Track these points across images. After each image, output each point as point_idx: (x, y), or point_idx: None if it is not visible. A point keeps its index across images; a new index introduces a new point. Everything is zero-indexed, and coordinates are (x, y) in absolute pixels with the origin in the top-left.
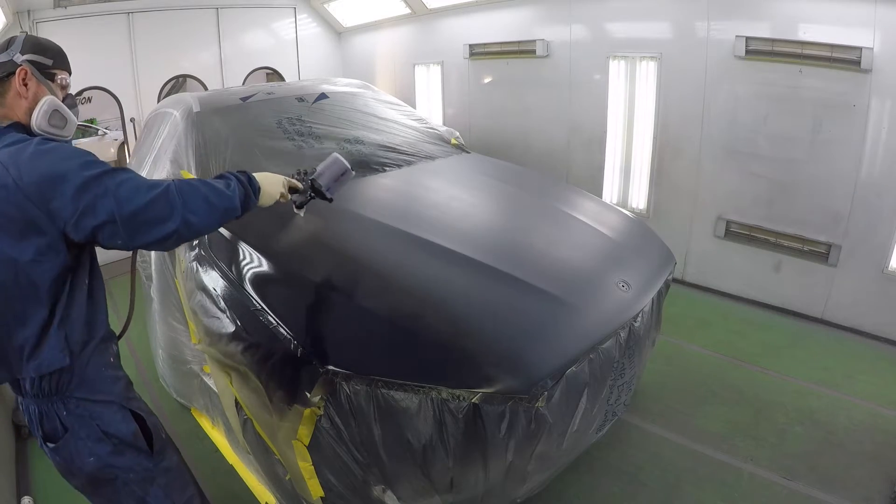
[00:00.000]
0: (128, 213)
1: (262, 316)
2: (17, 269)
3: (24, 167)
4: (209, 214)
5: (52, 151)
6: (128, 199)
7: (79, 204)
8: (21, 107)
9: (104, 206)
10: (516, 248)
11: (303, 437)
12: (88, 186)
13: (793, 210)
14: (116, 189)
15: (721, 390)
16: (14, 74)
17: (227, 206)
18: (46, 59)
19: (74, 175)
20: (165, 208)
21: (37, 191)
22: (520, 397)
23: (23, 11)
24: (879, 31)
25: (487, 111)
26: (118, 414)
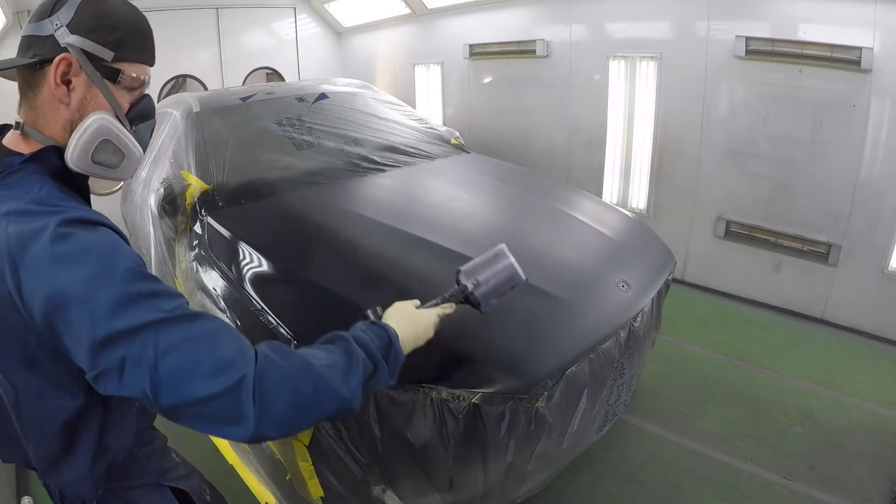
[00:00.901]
0: (167, 403)
1: (262, 316)
2: (20, 396)
3: (29, 275)
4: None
5: (76, 260)
6: (171, 382)
7: (97, 362)
8: (58, 117)
9: (133, 379)
10: (516, 248)
11: (303, 437)
12: (116, 342)
13: (793, 210)
14: (158, 360)
15: (721, 390)
16: (52, 63)
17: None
18: (106, 46)
19: (99, 317)
20: (230, 411)
21: (43, 319)
22: (520, 397)
23: (23, 11)
24: (879, 31)
25: (487, 111)
26: (155, 495)
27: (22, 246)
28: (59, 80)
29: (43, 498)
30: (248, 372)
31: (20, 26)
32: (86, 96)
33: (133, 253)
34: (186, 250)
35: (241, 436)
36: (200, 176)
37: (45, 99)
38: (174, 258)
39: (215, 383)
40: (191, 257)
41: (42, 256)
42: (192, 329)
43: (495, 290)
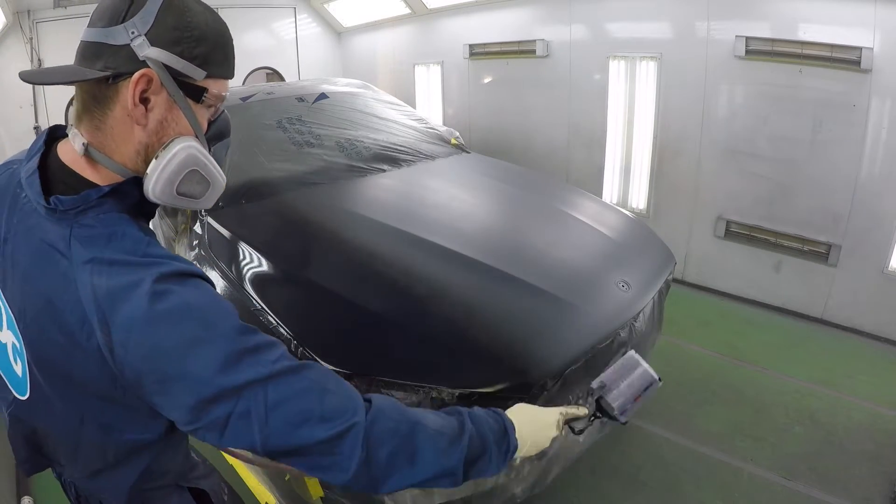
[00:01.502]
0: (275, 450)
1: (262, 316)
2: (82, 424)
3: (124, 336)
4: (398, 482)
5: (177, 318)
6: (282, 434)
7: (199, 417)
8: (132, 139)
9: (241, 434)
10: (516, 248)
11: None
12: (222, 399)
13: (793, 210)
14: (268, 414)
15: (721, 390)
16: (128, 78)
17: (437, 473)
18: (196, 62)
19: (204, 377)
20: (334, 456)
21: (137, 379)
22: (520, 397)
23: (23, 11)
24: (879, 31)
25: (487, 111)
26: (174, 496)
27: (113, 301)
28: (138, 99)
29: (43, 498)
30: (359, 420)
31: (20, 26)
32: (166, 117)
33: (229, 304)
34: (186, 250)
35: (337, 479)
36: None
37: (116, 118)
38: None
39: (326, 429)
40: (191, 257)
41: (138, 316)
42: (300, 381)
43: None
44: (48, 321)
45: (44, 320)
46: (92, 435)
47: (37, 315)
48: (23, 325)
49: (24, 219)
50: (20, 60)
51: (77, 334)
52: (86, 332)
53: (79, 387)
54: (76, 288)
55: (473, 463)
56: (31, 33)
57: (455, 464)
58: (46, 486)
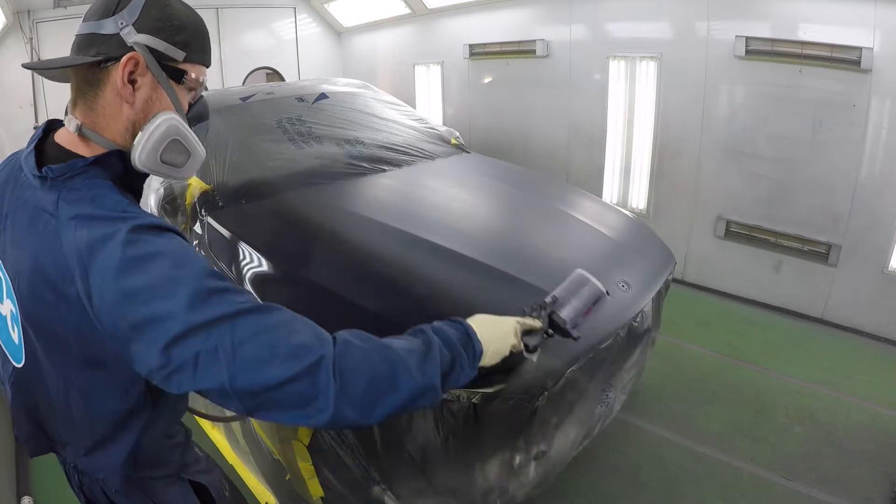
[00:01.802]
0: (245, 390)
1: None
2: (70, 391)
3: (100, 282)
4: (380, 406)
5: (151, 262)
6: (249, 369)
7: (171, 359)
8: (121, 117)
9: (209, 371)
10: (516, 247)
11: (303, 437)
12: (191, 336)
13: (793, 210)
14: (235, 350)
15: (721, 390)
16: (118, 62)
17: (416, 391)
18: (177, 46)
19: (173, 315)
20: (308, 392)
21: (113, 325)
22: (520, 397)
23: (23, 11)
24: (879, 31)
25: (487, 111)
26: (176, 487)
27: (91, 251)
28: (126, 80)
29: (43, 498)
30: (326, 353)
31: (20, 26)
32: (151, 96)
33: (202, 256)
34: None
35: (321, 419)
36: (200, 176)
37: (107, 99)
38: None
39: (293, 365)
40: None
41: (113, 261)
42: (267, 319)
43: (579, 307)
44: (37, 278)
45: (34, 278)
46: (78, 405)
47: (28, 275)
48: (17, 288)
49: (21, 194)
50: (20, 60)
51: (60, 285)
52: (68, 282)
53: (63, 346)
54: (61, 243)
55: (448, 374)
56: (31, 33)
57: (432, 378)
58: (46, 485)
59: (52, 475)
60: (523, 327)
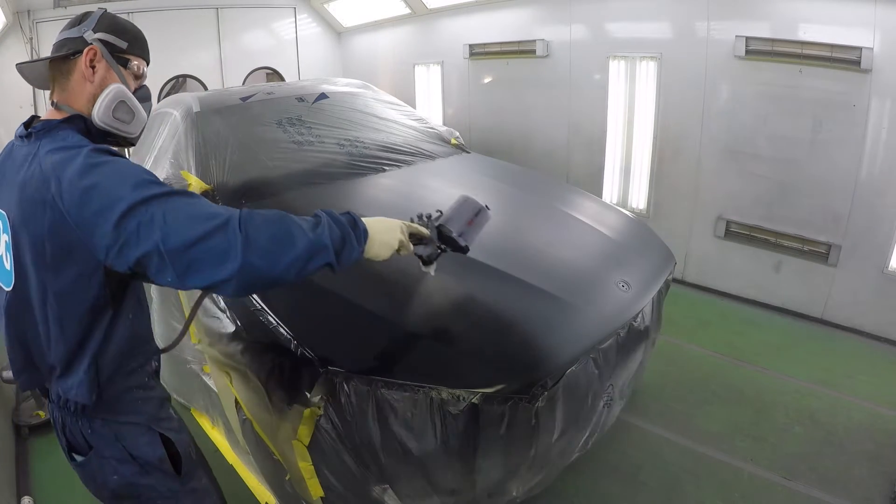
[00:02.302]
0: (173, 247)
1: (262, 316)
2: (47, 295)
3: (68, 183)
4: (281, 257)
5: (104, 167)
6: (175, 229)
7: (121, 231)
8: (85, 92)
9: (148, 235)
10: (516, 248)
11: (303, 437)
12: (134, 211)
13: (793, 210)
14: (165, 216)
15: (721, 390)
16: (82, 53)
17: (311, 247)
18: (121, 40)
19: (120, 198)
20: (222, 245)
21: (79, 214)
22: (520, 397)
23: (23, 11)
24: (879, 31)
25: (487, 111)
26: (145, 436)
27: (63, 164)
28: (88, 64)
29: (43, 498)
30: (233, 215)
31: (20, 26)
32: (105, 76)
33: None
34: None
35: (231, 268)
36: (200, 176)
37: (75, 80)
38: None
39: (209, 224)
40: None
41: (77, 168)
42: (191, 198)
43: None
44: (23, 195)
45: (21, 196)
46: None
47: (18, 197)
48: (9, 212)
49: (12, 156)
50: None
51: (40, 193)
52: (45, 189)
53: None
54: (40, 166)
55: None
56: (31, 33)
57: (323, 239)
58: (46, 486)
59: (52, 475)
60: (409, 228)
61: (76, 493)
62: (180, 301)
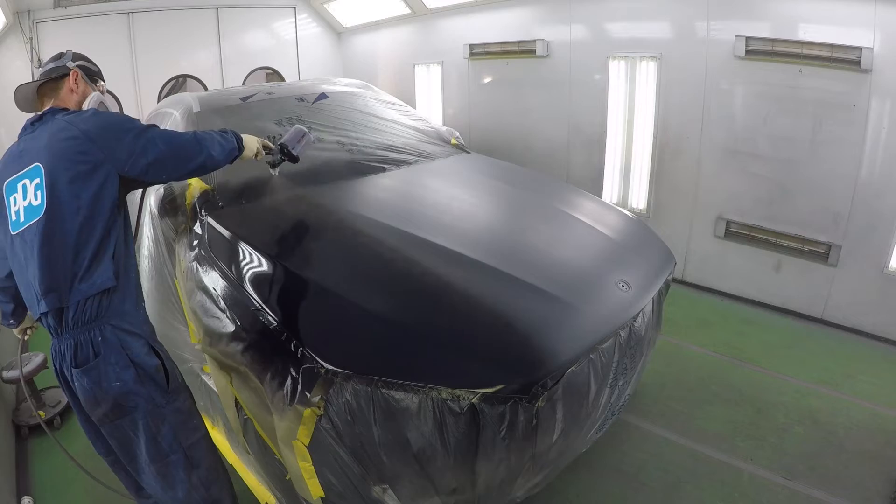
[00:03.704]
0: (170, 152)
1: (262, 316)
2: (80, 204)
3: (88, 123)
4: (221, 152)
5: (106, 114)
6: (168, 142)
7: (135, 147)
8: (72, 100)
9: (153, 148)
10: (516, 248)
11: (303, 437)
12: (141, 134)
13: (793, 210)
14: (159, 136)
15: (721, 390)
16: (68, 76)
17: (230, 147)
18: (92, 66)
19: (129, 127)
20: (195, 146)
21: (101, 137)
22: (520, 397)
23: (23, 11)
24: (879, 31)
25: (487, 111)
26: (145, 347)
27: (81, 116)
28: (74, 80)
29: (43, 498)
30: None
31: (20, 26)
32: (85, 90)
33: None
34: (186, 250)
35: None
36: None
37: (64, 93)
38: (174, 258)
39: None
40: (191, 257)
41: (92, 115)
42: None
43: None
44: (53, 141)
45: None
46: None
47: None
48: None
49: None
50: (20, 60)
51: (67, 134)
52: (71, 130)
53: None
54: (64, 123)
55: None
56: (31, 33)
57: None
58: (46, 486)
59: (53, 475)
60: (262, 143)
61: (76, 493)
62: (180, 301)
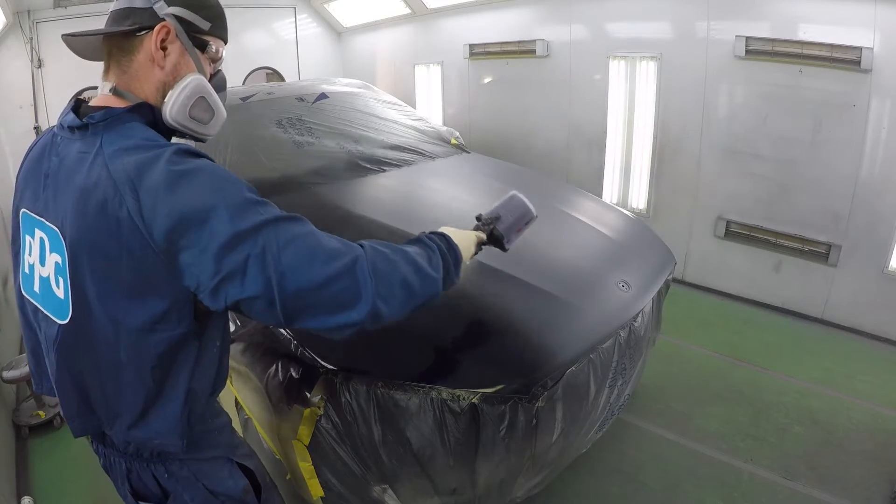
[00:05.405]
0: (291, 291)
1: None
2: (120, 332)
3: (151, 198)
4: (406, 303)
5: (195, 176)
6: (295, 269)
7: (222, 266)
8: (152, 79)
9: (258, 275)
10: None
11: (303, 437)
12: (240, 242)
13: (793, 210)
14: (280, 252)
15: (721, 390)
16: (151, 31)
17: (430, 292)
18: (202, 19)
19: (222, 222)
20: (350, 291)
21: (164, 236)
22: (520, 397)
23: (23, 11)
24: (879, 31)
25: (487, 111)
26: (225, 469)
27: (140, 171)
28: (158, 45)
29: (43, 498)
30: (360, 254)
31: (20, 26)
32: (179, 61)
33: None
34: None
35: (358, 315)
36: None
37: (140, 63)
38: None
39: (334, 266)
40: None
41: (160, 177)
42: (304, 226)
43: (514, 224)
44: (84, 208)
45: (81, 209)
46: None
47: (75, 208)
48: (64, 229)
49: (60, 151)
50: (20, 60)
51: (111, 208)
52: (118, 203)
53: (114, 273)
54: (108, 171)
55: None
56: (31, 33)
57: (437, 277)
58: (46, 486)
59: (53, 475)
60: (479, 240)
61: (76, 493)
62: None
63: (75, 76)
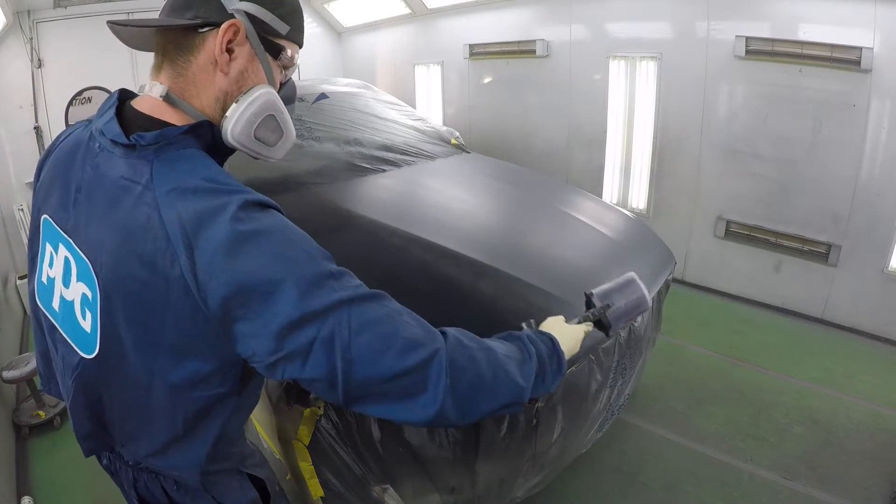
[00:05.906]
0: (357, 380)
1: None
2: (154, 381)
3: (208, 260)
4: (481, 406)
5: (263, 240)
6: (365, 360)
7: (283, 345)
8: (212, 86)
9: (322, 360)
10: (516, 247)
11: (303, 437)
12: (307, 323)
13: (793, 210)
14: (352, 339)
15: (721, 390)
16: (216, 28)
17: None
18: (280, 21)
19: (289, 300)
20: (418, 386)
21: (220, 304)
22: None
23: (23, 11)
24: (879, 31)
25: (487, 111)
26: (235, 481)
27: (199, 226)
28: (224, 47)
29: (43, 498)
30: (440, 347)
31: (20, 26)
32: (247, 68)
33: (307, 235)
34: None
35: (423, 414)
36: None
37: (199, 66)
38: None
39: (409, 357)
40: None
41: (222, 237)
42: (381, 308)
43: (626, 314)
44: (127, 253)
45: (123, 253)
46: (161, 397)
47: (115, 249)
48: (98, 266)
49: (98, 164)
50: (20, 60)
51: (160, 262)
52: (169, 258)
53: (156, 331)
54: (159, 215)
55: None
56: (31, 33)
57: (526, 385)
58: (46, 486)
59: (53, 475)
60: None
61: (76, 493)
62: None
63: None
